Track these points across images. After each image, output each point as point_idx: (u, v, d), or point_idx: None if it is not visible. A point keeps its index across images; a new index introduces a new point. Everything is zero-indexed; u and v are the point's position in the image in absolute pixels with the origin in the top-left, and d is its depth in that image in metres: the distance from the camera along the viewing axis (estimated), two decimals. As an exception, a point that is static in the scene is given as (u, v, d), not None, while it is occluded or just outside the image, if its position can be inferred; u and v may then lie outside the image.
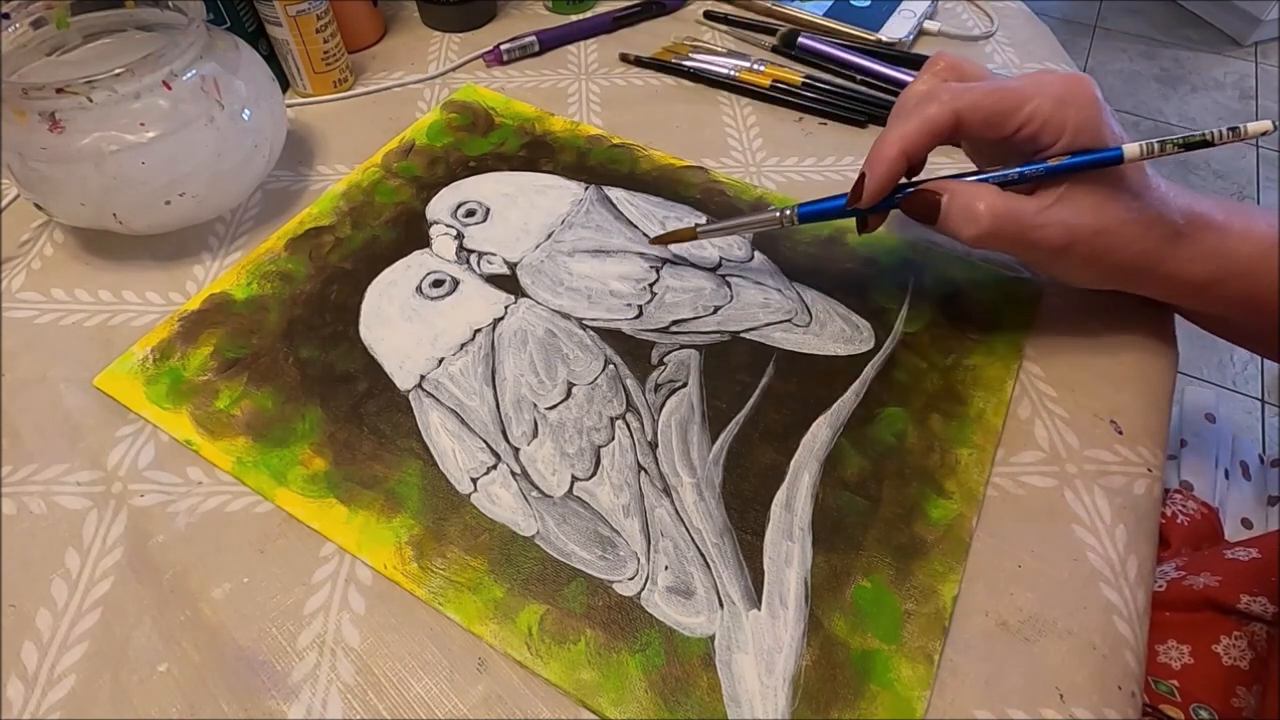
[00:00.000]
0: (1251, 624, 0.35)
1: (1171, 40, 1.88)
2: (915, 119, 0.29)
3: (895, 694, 0.25)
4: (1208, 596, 0.36)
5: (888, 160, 0.29)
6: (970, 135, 0.30)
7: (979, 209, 0.28)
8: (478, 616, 0.27)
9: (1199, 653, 0.35)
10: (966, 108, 0.29)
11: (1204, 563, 0.40)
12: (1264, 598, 0.35)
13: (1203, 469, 0.54)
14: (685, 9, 0.56)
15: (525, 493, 0.30)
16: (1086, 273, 0.31)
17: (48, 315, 0.36)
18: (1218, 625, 0.35)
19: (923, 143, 0.29)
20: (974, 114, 0.29)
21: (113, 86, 0.32)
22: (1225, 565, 0.39)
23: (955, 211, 0.29)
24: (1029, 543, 0.28)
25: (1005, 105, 0.29)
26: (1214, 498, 0.52)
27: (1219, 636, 0.35)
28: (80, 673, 0.26)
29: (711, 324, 0.35)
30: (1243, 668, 0.34)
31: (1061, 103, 0.28)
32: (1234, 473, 0.55)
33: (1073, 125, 0.28)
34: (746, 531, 0.28)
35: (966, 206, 0.28)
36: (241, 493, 0.30)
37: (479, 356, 0.34)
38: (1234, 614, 0.35)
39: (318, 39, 0.45)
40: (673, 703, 0.25)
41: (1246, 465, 0.56)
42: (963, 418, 0.31)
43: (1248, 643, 0.34)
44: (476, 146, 0.44)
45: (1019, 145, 0.29)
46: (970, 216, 0.28)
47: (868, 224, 0.34)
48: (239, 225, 0.40)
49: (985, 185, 0.29)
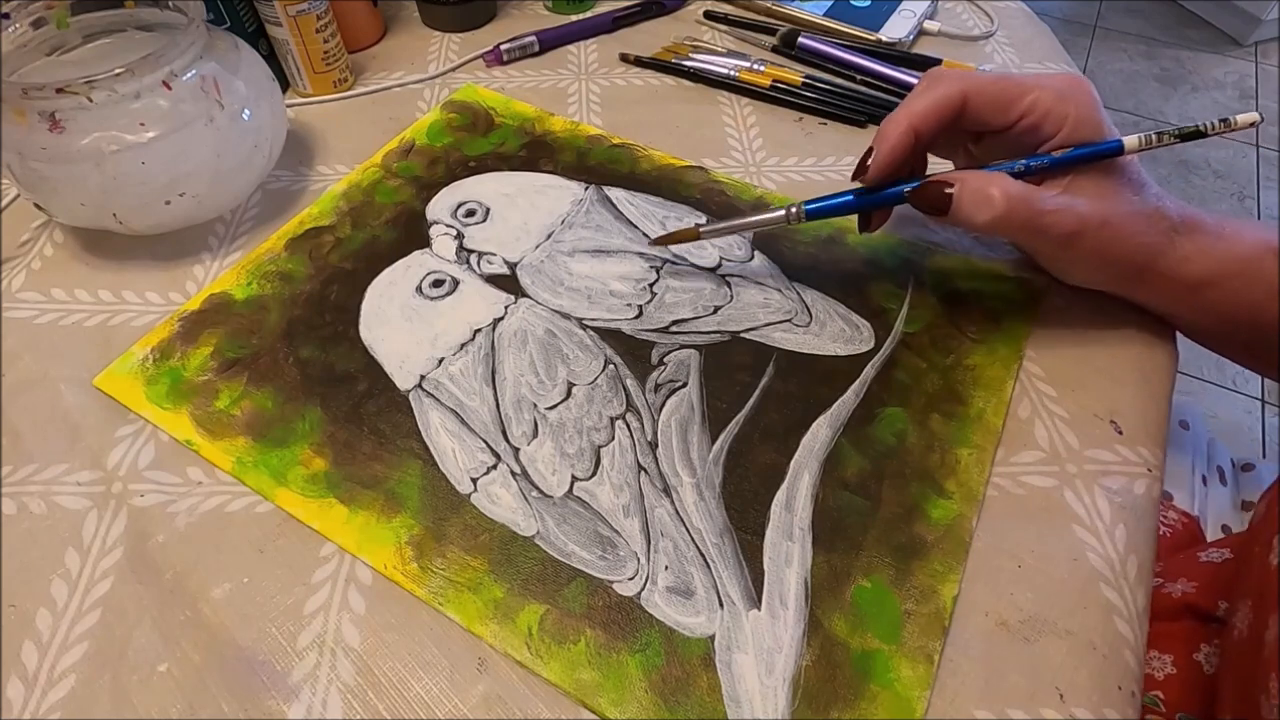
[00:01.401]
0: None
1: (1171, 40, 1.88)
2: (924, 97, 0.30)
3: (895, 694, 0.25)
4: (1186, 603, 0.36)
5: (896, 135, 0.30)
6: (975, 119, 0.30)
7: (992, 193, 0.28)
8: (478, 616, 0.27)
9: (1181, 663, 0.35)
10: (973, 89, 0.29)
11: (1180, 567, 0.40)
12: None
13: (1181, 478, 0.54)
14: (685, 9, 0.56)
15: (525, 493, 0.30)
16: (1089, 265, 0.31)
17: (48, 315, 0.36)
18: (1198, 634, 0.36)
19: (931, 120, 0.29)
20: (980, 96, 0.29)
21: (113, 86, 0.32)
22: (1200, 569, 0.39)
23: (967, 198, 0.29)
24: (1029, 543, 0.28)
25: (1010, 92, 0.29)
26: (1194, 506, 0.52)
27: (1199, 645, 0.35)
28: (80, 673, 0.26)
29: (711, 324, 0.35)
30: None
31: (1062, 96, 0.29)
32: (1211, 479, 0.55)
33: (1074, 118, 0.29)
34: (746, 531, 0.28)
35: (979, 191, 0.28)
36: (241, 493, 0.30)
37: (479, 356, 0.34)
38: (1214, 621, 0.36)
39: (318, 39, 0.45)
40: (673, 703, 0.25)
41: (1223, 470, 0.56)
42: (963, 418, 0.31)
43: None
44: (476, 146, 0.44)
45: (1019, 138, 0.30)
46: (983, 201, 0.28)
47: (870, 222, 0.33)
48: (239, 225, 0.40)
49: (996, 173, 0.29)
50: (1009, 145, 0.31)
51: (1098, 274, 0.32)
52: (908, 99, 0.31)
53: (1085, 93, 0.29)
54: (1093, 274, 0.32)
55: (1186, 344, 0.35)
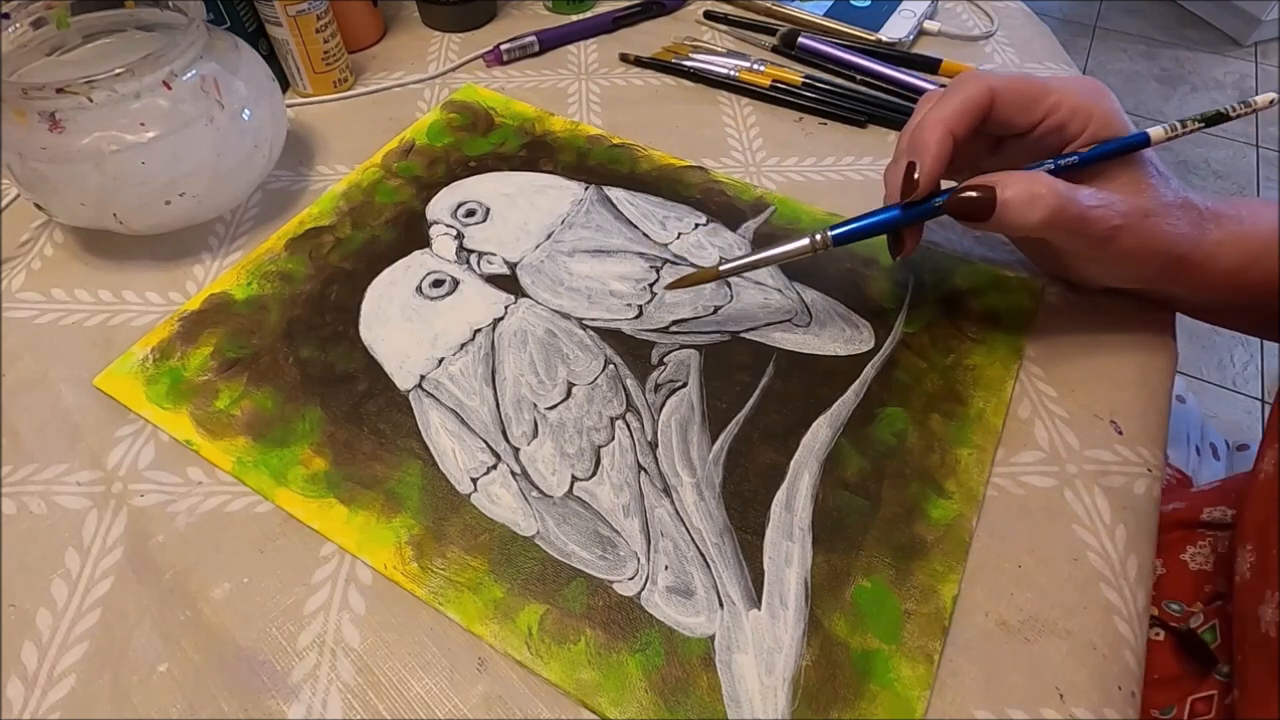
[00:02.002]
0: (1213, 531, 0.37)
1: (1171, 40, 1.88)
2: (952, 99, 0.29)
3: (895, 694, 0.25)
4: (1176, 518, 0.39)
5: (935, 141, 0.28)
6: (1000, 120, 0.30)
7: (1040, 191, 0.27)
8: (478, 616, 0.27)
9: (1169, 564, 0.37)
10: (1001, 86, 0.29)
11: (1172, 494, 0.42)
12: (1224, 506, 0.37)
13: (1176, 442, 0.56)
14: (685, 9, 0.56)
15: (525, 493, 0.30)
16: (1128, 260, 0.30)
17: (48, 315, 0.36)
18: (1184, 539, 0.38)
19: (965, 120, 0.29)
20: (1008, 93, 0.29)
21: (113, 86, 0.32)
22: (1191, 496, 0.42)
23: (1015, 199, 0.27)
24: (1029, 543, 0.28)
25: (1034, 90, 0.29)
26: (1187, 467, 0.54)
27: (1185, 547, 0.37)
28: (80, 673, 0.26)
29: (711, 324, 0.35)
30: (1207, 570, 0.36)
31: (1085, 94, 0.29)
32: (1204, 451, 0.57)
33: (1099, 114, 0.29)
34: (746, 531, 0.28)
35: (1026, 191, 0.27)
36: (241, 493, 0.30)
37: (479, 356, 0.34)
38: (1198, 526, 0.38)
39: (318, 39, 0.45)
40: (673, 703, 0.25)
41: (1215, 447, 0.58)
42: (963, 418, 0.31)
43: (1210, 548, 0.37)
44: (476, 146, 0.44)
45: (1042, 139, 0.30)
46: (1032, 200, 0.27)
47: (904, 245, 0.31)
48: (239, 225, 0.40)
49: (1035, 171, 0.29)
50: (1030, 149, 0.30)
51: (1137, 269, 0.31)
52: (936, 105, 0.29)
53: (1104, 93, 0.30)
54: (1131, 269, 0.31)
55: (1186, 344, 0.35)
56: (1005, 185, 0.27)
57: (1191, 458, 0.56)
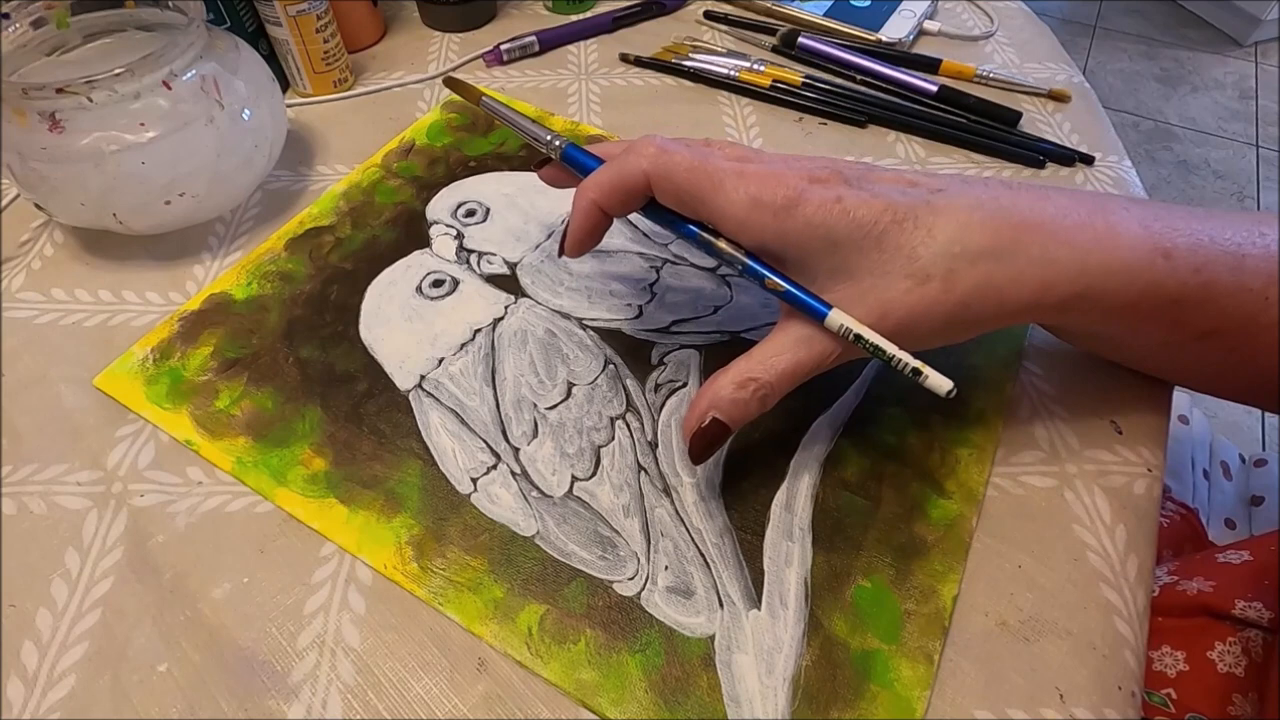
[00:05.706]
0: (1247, 630, 0.34)
1: (1171, 40, 1.89)
2: (613, 168, 0.27)
3: (895, 694, 0.25)
4: (1202, 602, 0.36)
5: (581, 212, 0.27)
6: (673, 204, 0.27)
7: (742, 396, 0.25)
8: (478, 616, 0.27)
9: (1194, 659, 0.34)
10: (660, 175, 0.26)
11: (1196, 567, 0.40)
12: (1259, 603, 0.34)
13: (1179, 471, 0.53)
14: (685, 9, 0.56)
15: (525, 493, 0.30)
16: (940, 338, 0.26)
17: (48, 315, 0.36)
18: (1212, 631, 0.35)
19: (615, 198, 0.27)
20: (666, 183, 0.26)
21: (113, 86, 0.32)
22: (1218, 569, 0.38)
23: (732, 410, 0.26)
24: (1029, 543, 0.28)
25: (700, 189, 0.25)
26: (1192, 499, 0.52)
27: (1214, 643, 0.35)
28: (80, 673, 0.26)
29: (711, 324, 0.35)
30: (1238, 675, 0.33)
31: (759, 205, 0.25)
32: (1214, 473, 0.54)
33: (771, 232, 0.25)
34: (746, 531, 0.28)
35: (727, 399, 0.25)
36: (241, 493, 0.30)
37: (479, 356, 0.34)
38: (1228, 620, 0.35)
39: (318, 39, 0.45)
40: (673, 703, 0.25)
41: (1227, 465, 0.56)
42: (963, 418, 0.31)
43: (1242, 649, 0.34)
44: (476, 146, 0.44)
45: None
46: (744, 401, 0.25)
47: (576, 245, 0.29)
48: (239, 225, 0.40)
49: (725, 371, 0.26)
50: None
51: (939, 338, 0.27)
52: (596, 173, 0.27)
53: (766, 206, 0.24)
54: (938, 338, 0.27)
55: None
56: (703, 400, 0.26)
57: (1199, 484, 0.53)
